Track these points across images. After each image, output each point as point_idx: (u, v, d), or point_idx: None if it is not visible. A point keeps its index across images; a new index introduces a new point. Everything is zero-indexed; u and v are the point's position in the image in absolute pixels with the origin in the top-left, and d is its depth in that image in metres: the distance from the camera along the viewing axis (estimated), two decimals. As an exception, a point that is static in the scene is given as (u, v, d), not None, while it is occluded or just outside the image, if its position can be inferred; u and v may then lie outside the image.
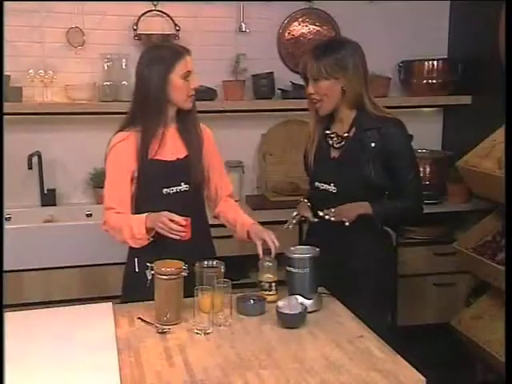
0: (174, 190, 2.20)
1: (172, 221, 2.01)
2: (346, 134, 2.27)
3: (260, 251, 2.16)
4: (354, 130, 2.27)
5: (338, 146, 2.29)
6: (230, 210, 2.37)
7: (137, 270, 2.22)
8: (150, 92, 2.14)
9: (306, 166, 2.43)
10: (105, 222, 2.19)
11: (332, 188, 2.28)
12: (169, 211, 2.05)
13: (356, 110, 2.27)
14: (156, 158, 2.17)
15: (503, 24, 3.06)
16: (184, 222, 2.02)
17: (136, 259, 2.23)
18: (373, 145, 2.22)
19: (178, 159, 2.21)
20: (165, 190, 2.19)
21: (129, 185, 2.19)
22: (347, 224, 2.19)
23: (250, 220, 2.30)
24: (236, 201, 2.51)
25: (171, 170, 2.19)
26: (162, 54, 2.16)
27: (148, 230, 2.08)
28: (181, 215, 2.04)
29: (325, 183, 2.31)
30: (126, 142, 2.18)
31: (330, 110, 2.28)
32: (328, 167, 2.30)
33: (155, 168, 2.17)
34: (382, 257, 2.35)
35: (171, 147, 2.21)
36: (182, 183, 2.20)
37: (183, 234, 2.02)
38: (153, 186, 2.18)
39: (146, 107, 2.16)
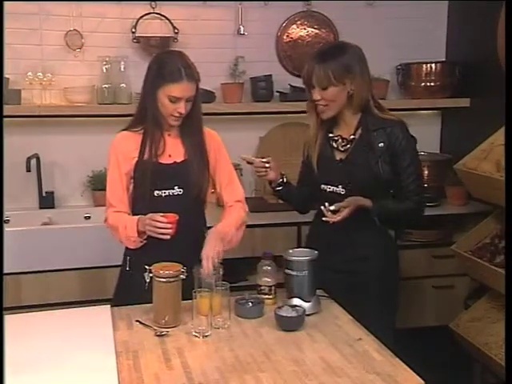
0: (166, 193, 2.19)
1: (156, 221, 2.03)
2: (352, 137, 2.28)
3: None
4: (359, 131, 2.27)
5: (343, 148, 2.29)
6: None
7: (127, 269, 2.26)
8: (145, 97, 2.18)
9: (306, 169, 2.43)
10: (105, 220, 2.25)
11: (340, 190, 2.28)
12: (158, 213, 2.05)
13: (360, 113, 2.28)
14: (152, 159, 2.18)
15: (502, 26, 3.07)
16: (166, 220, 2.02)
17: (128, 258, 2.27)
18: (380, 145, 2.23)
19: (174, 162, 2.21)
20: (156, 192, 2.19)
21: (125, 183, 2.21)
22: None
23: (219, 226, 2.19)
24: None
25: (165, 173, 2.19)
26: (165, 66, 2.11)
27: (140, 233, 2.12)
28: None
29: (332, 185, 2.30)
30: (125, 141, 2.21)
31: (334, 114, 2.27)
32: (334, 169, 2.30)
33: (149, 169, 2.17)
34: (387, 257, 2.35)
35: (171, 150, 2.21)
36: (176, 187, 2.20)
37: (169, 231, 2.03)
38: (144, 186, 2.19)
39: (144, 110, 2.18)
